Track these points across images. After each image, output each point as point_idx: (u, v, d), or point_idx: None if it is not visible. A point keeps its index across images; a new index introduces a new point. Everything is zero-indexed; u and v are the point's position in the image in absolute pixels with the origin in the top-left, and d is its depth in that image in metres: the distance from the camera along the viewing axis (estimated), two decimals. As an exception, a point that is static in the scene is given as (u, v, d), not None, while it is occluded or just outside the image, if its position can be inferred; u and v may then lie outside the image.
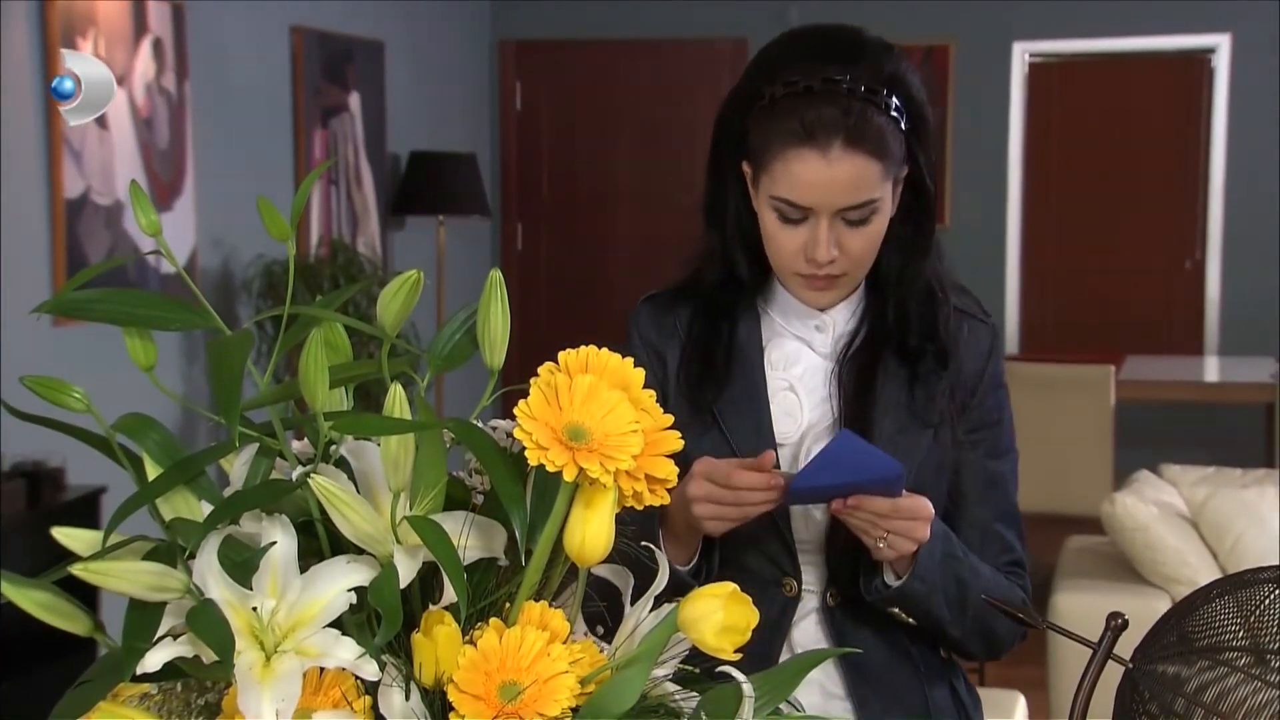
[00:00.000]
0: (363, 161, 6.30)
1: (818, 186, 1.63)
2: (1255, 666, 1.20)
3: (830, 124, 1.61)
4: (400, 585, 1.07)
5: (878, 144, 1.63)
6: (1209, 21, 7.26)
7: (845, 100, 1.62)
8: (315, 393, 1.08)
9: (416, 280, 1.12)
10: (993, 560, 1.76)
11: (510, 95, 7.81)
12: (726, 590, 1.11)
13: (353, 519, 1.07)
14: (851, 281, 1.74)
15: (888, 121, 1.64)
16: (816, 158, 1.62)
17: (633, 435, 1.09)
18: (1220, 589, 1.25)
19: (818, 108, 1.62)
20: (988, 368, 1.78)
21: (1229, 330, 7.32)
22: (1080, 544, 4.09)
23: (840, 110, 1.62)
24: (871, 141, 1.62)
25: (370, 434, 1.10)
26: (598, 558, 1.11)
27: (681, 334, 1.81)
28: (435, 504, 1.12)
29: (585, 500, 1.10)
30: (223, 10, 5.30)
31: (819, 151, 1.62)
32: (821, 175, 1.63)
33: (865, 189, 1.64)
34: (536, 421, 1.08)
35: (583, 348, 1.15)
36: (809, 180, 1.63)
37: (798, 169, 1.63)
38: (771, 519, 1.72)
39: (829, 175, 1.63)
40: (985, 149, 7.45)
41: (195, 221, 5.10)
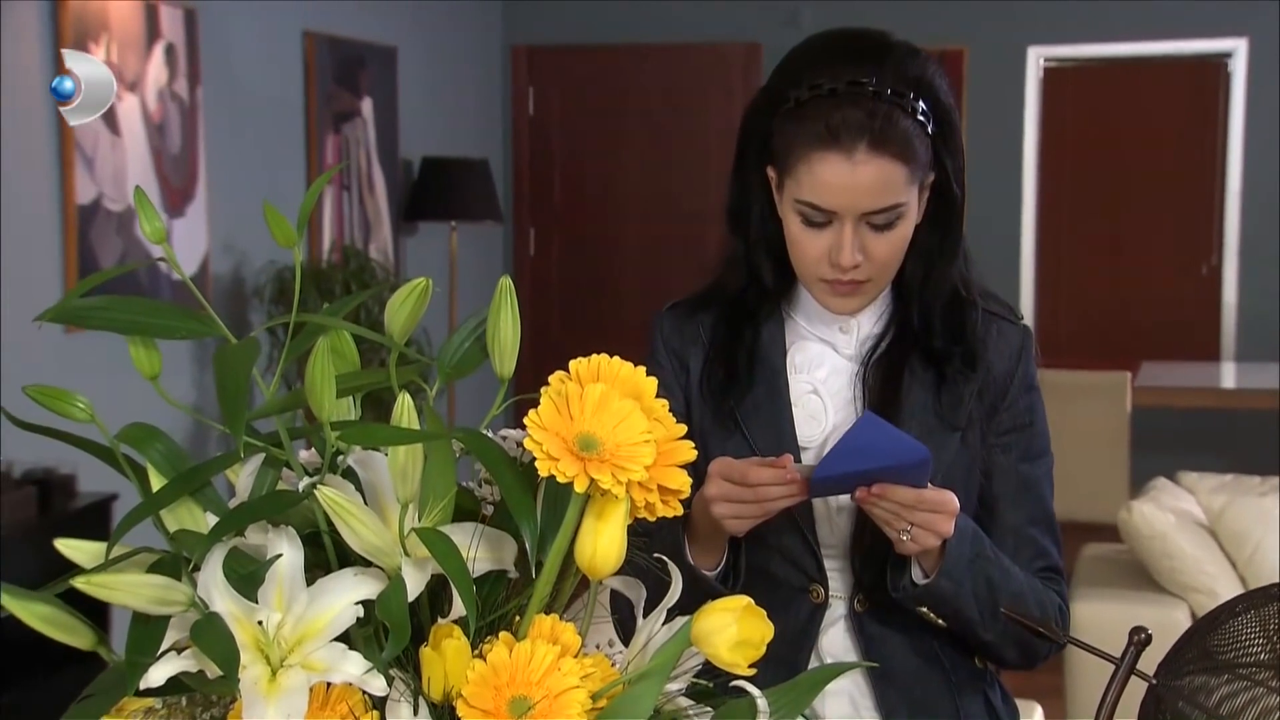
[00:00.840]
0: (375, 167, 6.29)
1: (842, 190, 1.61)
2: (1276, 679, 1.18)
3: (855, 126, 1.60)
4: (409, 598, 1.05)
5: (904, 147, 1.61)
6: (1225, 26, 7.22)
7: (870, 103, 1.60)
8: (321, 402, 1.06)
9: (425, 288, 1.10)
10: (1026, 566, 1.73)
11: (523, 100, 7.81)
12: (741, 604, 1.09)
13: (360, 531, 1.06)
14: (876, 288, 1.71)
15: (914, 125, 1.62)
16: (841, 160, 1.60)
17: (645, 445, 1.08)
18: (1245, 604, 1.23)
19: (843, 110, 1.60)
20: (1018, 369, 1.75)
21: (1246, 336, 7.28)
22: (1097, 552, 4.08)
23: (865, 113, 1.60)
24: (897, 144, 1.60)
25: (378, 444, 1.09)
26: (609, 570, 1.10)
27: (705, 340, 1.79)
28: (444, 515, 1.11)
29: (596, 511, 1.09)
30: (235, 15, 5.30)
31: (844, 154, 1.60)
32: (846, 178, 1.61)
33: (890, 193, 1.62)
34: (547, 431, 1.06)
35: (594, 356, 1.13)
36: (833, 183, 1.61)
37: (822, 172, 1.61)
38: (795, 523, 1.70)
39: (853, 178, 1.61)
40: (1000, 154, 7.42)
41: (207, 227, 5.10)
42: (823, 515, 1.72)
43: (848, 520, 1.71)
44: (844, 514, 1.72)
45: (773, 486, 1.57)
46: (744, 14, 7.47)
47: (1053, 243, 7.56)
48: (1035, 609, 1.69)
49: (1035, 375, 1.78)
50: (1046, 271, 7.56)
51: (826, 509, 1.72)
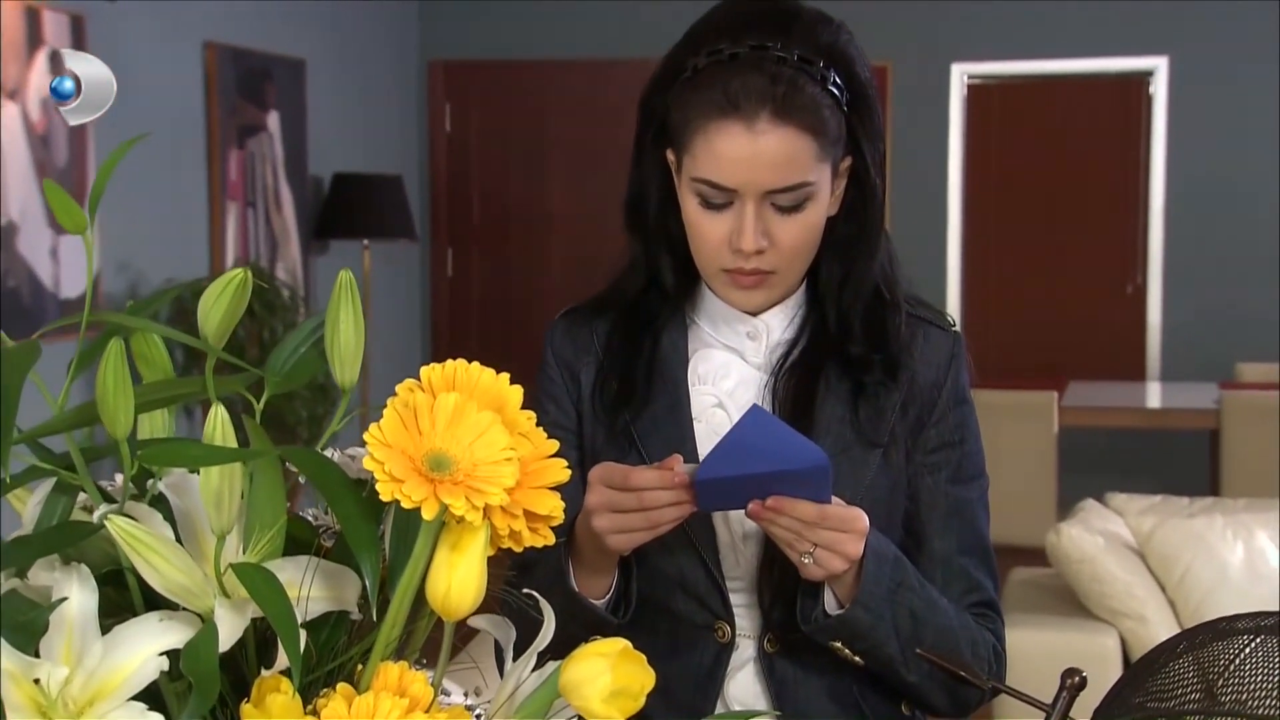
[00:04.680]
0: (282, 183, 6.09)
1: (742, 163, 1.45)
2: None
3: (757, 93, 1.43)
4: (222, 646, 0.89)
5: (811, 118, 1.45)
6: (1147, 44, 7.20)
7: (774, 67, 1.44)
8: (116, 416, 0.90)
9: (243, 280, 0.94)
10: (957, 601, 1.56)
11: (440, 116, 7.63)
12: (617, 648, 0.95)
13: (162, 568, 0.90)
14: (782, 282, 1.54)
15: (824, 95, 1.46)
16: (741, 130, 1.44)
17: (506, 464, 0.94)
18: (1185, 643, 1.10)
19: (743, 75, 1.44)
20: (947, 380, 1.57)
21: (1171, 355, 7.25)
22: (1024, 576, 3.96)
23: (768, 78, 1.44)
24: (804, 114, 1.44)
25: (185, 465, 0.93)
26: (466, 609, 0.95)
27: (598, 349, 1.63)
28: (273, 547, 0.96)
29: (451, 542, 0.94)
30: (127, 22, 5.06)
31: (744, 124, 1.44)
32: (746, 150, 1.44)
33: (796, 169, 1.46)
34: (391, 449, 0.92)
35: (450, 361, 0.98)
36: (733, 156, 1.45)
37: (720, 143, 1.45)
38: (696, 553, 1.54)
39: (754, 150, 1.44)
40: (924, 171, 7.35)
41: (100, 244, 4.87)
42: (726, 543, 1.55)
43: (755, 549, 1.54)
44: (750, 541, 1.54)
45: (659, 492, 1.38)
46: (666, 30, 7.33)
47: (978, 261, 7.49)
48: (965, 649, 1.52)
49: (967, 388, 1.61)
50: (971, 290, 7.49)
51: (730, 536, 1.55)
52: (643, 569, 1.53)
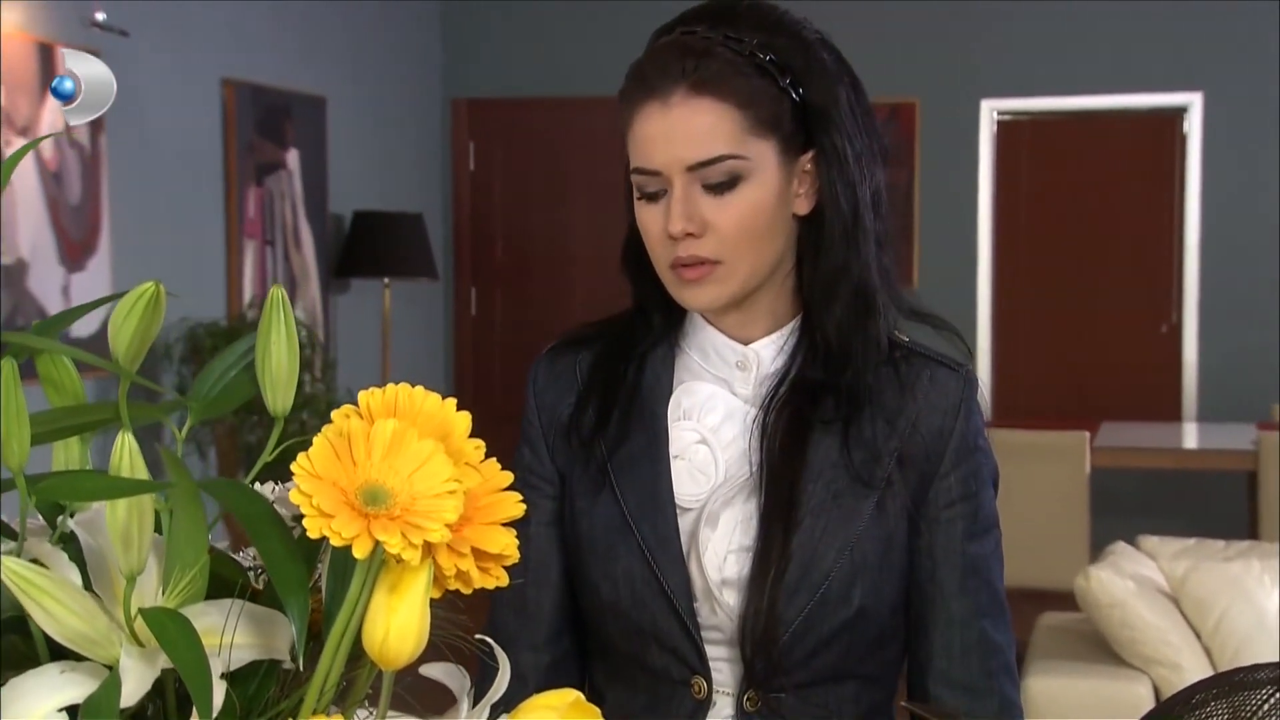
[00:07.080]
0: (301, 221, 6.03)
1: (659, 139, 1.39)
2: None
3: (673, 71, 1.39)
4: (127, 700, 0.80)
5: (731, 89, 1.38)
6: (1181, 80, 7.10)
7: (693, 43, 1.40)
8: (10, 445, 0.81)
9: (154, 294, 0.86)
10: (979, 669, 1.46)
11: (464, 155, 7.58)
12: (567, 699, 0.87)
13: (59, 614, 0.81)
14: (731, 274, 1.42)
15: (746, 64, 1.39)
16: (657, 108, 1.40)
17: (449, 498, 0.85)
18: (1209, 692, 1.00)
19: (662, 56, 1.41)
20: (955, 428, 1.45)
21: (1207, 395, 7.11)
22: (1054, 621, 3.84)
23: (681, 51, 1.40)
24: (721, 85, 1.38)
25: (84, 499, 0.84)
26: (406, 657, 0.86)
27: (580, 381, 1.53)
28: (195, 590, 0.87)
29: (390, 583, 0.86)
30: (143, 60, 5.03)
31: (659, 100, 1.40)
32: (661, 126, 1.39)
33: (715, 140, 1.38)
34: (320, 481, 0.83)
35: (390, 385, 0.89)
36: (650, 134, 1.40)
37: (640, 126, 1.41)
38: (670, 603, 1.43)
39: (668, 124, 1.39)
40: (954, 209, 7.25)
41: (111, 281, 4.83)
42: (702, 590, 1.44)
43: (735, 596, 1.43)
44: (729, 589, 1.44)
45: None
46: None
47: (1009, 299, 7.37)
48: None
49: (980, 433, 1.48)
50: (1002, 328, 7.37)
51: (705, 582, 1.44)
52: (616, 620, 1.44)
